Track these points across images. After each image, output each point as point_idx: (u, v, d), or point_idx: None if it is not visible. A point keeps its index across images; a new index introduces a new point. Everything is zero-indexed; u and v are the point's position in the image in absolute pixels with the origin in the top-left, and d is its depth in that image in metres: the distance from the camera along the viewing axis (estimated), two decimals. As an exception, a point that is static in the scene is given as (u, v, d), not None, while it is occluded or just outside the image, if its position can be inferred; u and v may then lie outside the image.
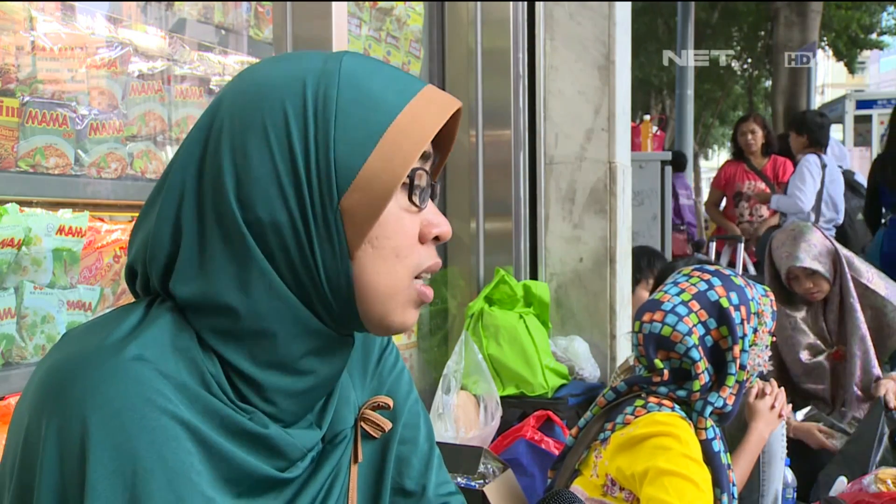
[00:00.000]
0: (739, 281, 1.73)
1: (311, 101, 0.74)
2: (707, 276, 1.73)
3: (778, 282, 2.87)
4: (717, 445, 1.63)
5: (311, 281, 0.75)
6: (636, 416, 1.62)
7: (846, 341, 2.77)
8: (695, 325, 1.66)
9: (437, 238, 0.82)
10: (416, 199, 0.78)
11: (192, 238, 0.75)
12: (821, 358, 2.81)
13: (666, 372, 1.66)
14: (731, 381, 1.65)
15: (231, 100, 0.77)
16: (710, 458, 1.60)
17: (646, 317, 1.70)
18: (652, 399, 1.65)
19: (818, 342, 2.83)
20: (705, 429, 1.62)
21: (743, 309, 1.68)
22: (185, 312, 0.75)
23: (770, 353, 1.78)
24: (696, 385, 1.63)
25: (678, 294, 1.71)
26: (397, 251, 0.77)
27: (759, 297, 1.73)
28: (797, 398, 2.83)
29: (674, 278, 1.80)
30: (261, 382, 0.76)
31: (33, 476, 0.68)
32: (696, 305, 1.68)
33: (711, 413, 1.64)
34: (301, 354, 0.77)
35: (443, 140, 0.84)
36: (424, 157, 0.79)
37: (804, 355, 2.82)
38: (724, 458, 1.65)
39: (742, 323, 1.67)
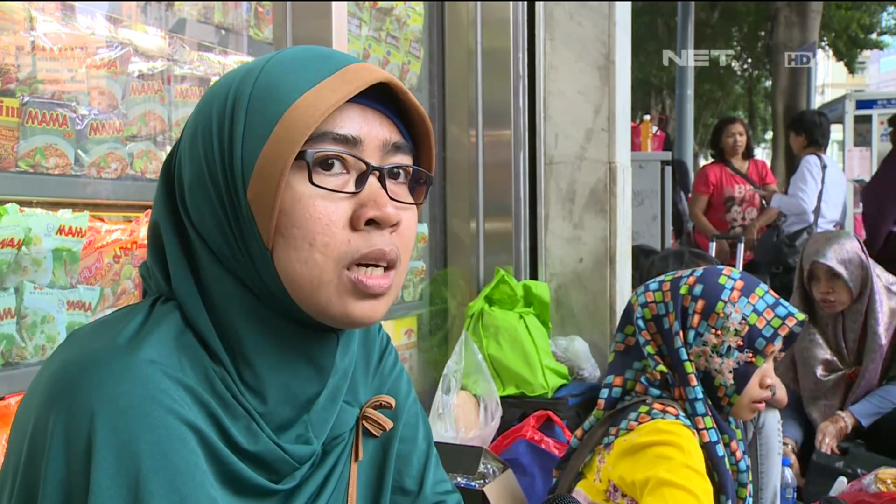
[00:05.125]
0: (730, 285, 1.65)
1: (230, 102, 0.76)
2: (700, 269, 1.73)
3: (803, 291, 2.84)
4: (721, 450, 1.61)
5: (249, 276, 0.77)
6: (640, 423, 1.60)
7: (863, 361, 2.74)
8: (656, 302, 1.70)
9: (375, 223, 0.76)
10: (322, 181, 0.74)
11: (169, 239, 0.79)
12: (834, 376, 2.77)
13: (631, 340, 1.72)
14: (689, 367, 1.63)
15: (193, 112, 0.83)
16: (714, 463, 1.58)
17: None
18: (656, 405, 1.62)
19: (835, 359, 2.80)
20: (706, 429, 1.60)
21: (701, 303, 1.64)
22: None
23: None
24: (651, 362, 1.66)
25: (665, 277, 1.76)
26: (311, 239, 0.74)
27: (746, 309, 1.62)
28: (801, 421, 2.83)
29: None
30: (242, 374, 0.77)
31: (39, 472, 0.68)
32: (667, 286, 1.71)
33: (704, 412, 1.61)
34: (268, 346, 0.77)
35: (416, 125, 0.82)
36: (350, 142, 0.76)
37: (819, 371, 2.79)
38: (727, 462, 1.62)
39: (694, 314, 1.64)
